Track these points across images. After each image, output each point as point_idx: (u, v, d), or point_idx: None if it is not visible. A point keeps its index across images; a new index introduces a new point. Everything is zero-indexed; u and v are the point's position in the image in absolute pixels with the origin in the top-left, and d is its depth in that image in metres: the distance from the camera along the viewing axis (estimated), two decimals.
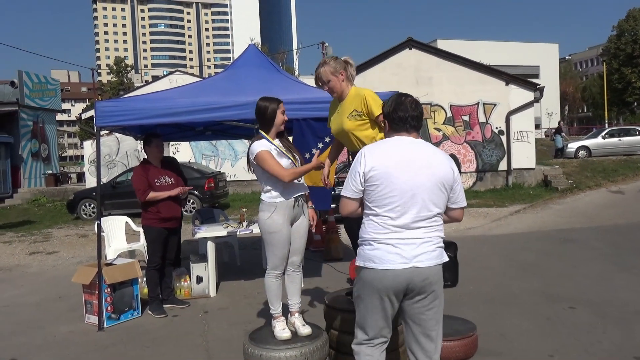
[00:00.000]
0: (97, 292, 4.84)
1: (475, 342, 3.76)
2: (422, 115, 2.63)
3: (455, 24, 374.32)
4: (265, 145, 3.62)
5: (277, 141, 3.74)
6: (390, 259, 2.43)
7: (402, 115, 2.56)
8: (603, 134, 21.62)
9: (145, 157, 5.40)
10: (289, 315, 3.72)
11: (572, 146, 21.14)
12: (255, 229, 6.68)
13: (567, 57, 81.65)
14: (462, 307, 4.93)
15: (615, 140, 20.93)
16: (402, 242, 2.43)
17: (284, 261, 3.67)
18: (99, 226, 5.20)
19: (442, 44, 39.25)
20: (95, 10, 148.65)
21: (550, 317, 4.63)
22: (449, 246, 5.80)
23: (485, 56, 40.34)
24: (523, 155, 16.63)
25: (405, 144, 2.53)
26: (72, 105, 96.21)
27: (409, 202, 2.43)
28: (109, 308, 4.91)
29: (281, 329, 3.52)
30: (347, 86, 3.75)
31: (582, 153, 20.59)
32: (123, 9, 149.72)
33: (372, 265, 2.46)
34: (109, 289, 4.89)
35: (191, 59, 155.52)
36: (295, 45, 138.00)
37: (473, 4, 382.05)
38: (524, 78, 17.75)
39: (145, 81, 63.25)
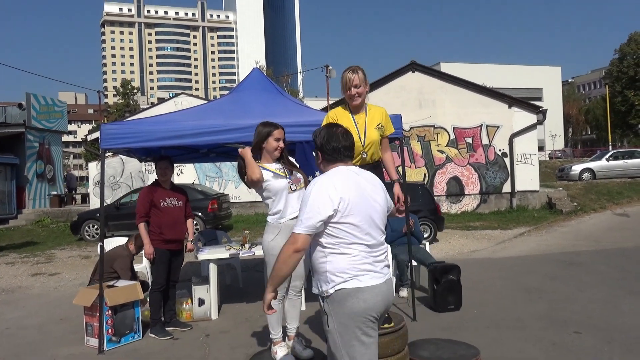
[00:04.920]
0: (98, 314, 4.82)
1: None
2: (353, 145, 2.61)
3: (459, 48, 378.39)
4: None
5: (274, 165, 3.73)
6: (370, 277, 2.38)
7: (335, 146, 2.53)
8: (607, 156, 21.58)
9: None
10: (287, 339, 3.69)
11: (576, 168, 21.11)
12: (258, 251, 6.65)
13: (570, 80, 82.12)
14: (466, 332, 4.87)
15: (619, 162, 20.90)
16: (376, 262, 2.42)
17: (286, 284, 3.66)
18: (102, 248, 5.20)
19: (445, 67, 39.72)
20: (103, 33, 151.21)
21: (555, 342, 4.57)
22: (452, 269, 5.77)
23: (488, 79, 40.66)
24: (527, 178, 16.61)
25: (353, 175, 2.50)
26: (78, 126, 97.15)
27: (370, 227, 2.42)
28: (110, 330, 4.87)
29: (284, 354, 3.49)
30: (365, 100, 3.92)
31: (586, 175, 20.55)
32: (130, 33, 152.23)
33: (356, 284, 2.33)
34: (110, 311, 4.86)
35: (197, 82, 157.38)
36: (299, 68, 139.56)
37: (476, 27, 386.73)
38: (526, 101, 17.85)
39: (151, 103, 63.95)
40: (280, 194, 3.64)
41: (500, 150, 16.65)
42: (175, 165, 5.65)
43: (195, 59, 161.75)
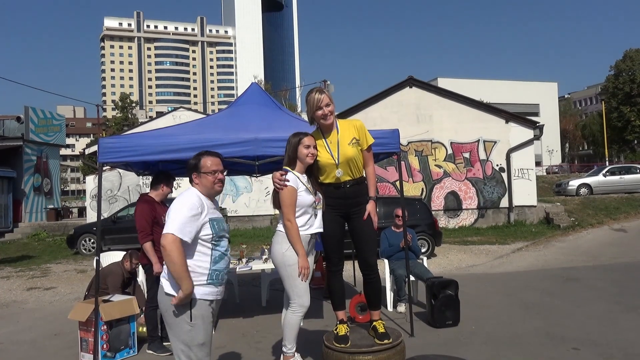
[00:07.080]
0: (93, 329, 4.77)
1: None
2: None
3: (456, 63, 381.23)
4: (294, 182, 3.62)
5: (305, 179, 3.70)
6: None
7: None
8: (604, 171, 21.62)
9: (148, 192, 5.34)
10: (282, 357, 3.65)
11: (574, 184, 21.16)
12: (255, 266, 6.63)
13: (566, 96, 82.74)
14: (464, 348, 4.84)
15: (616, 178, 20.95)
16: None
17: (309, 295, 3.61)
18: (98, 262, 5.16)
19: (443, 83, 39.98)
20: (103, 48, 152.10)
21: (554, 359, 4.54)
22: (450, 284, 5.75)
23: (486, 94, 40.94)
24: (524, 192, 16.64)
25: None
26: (76, 140, 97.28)
27: None
28: (105, 346, 4.82)
29: None
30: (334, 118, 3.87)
31: (583, 191, 20.59)
32: (130, 47, 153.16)
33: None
34: (105, 326, 4.82)
35: (195, 96, 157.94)
36: (298, 83, 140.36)
37: (473, 43, 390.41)
38: (523, 116, 17.93)
39: (150, 117, 64.10)
40: (304, 209, 3.63)
41: (497, 165, 16.70)
42: None
43: (194, 74, 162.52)
